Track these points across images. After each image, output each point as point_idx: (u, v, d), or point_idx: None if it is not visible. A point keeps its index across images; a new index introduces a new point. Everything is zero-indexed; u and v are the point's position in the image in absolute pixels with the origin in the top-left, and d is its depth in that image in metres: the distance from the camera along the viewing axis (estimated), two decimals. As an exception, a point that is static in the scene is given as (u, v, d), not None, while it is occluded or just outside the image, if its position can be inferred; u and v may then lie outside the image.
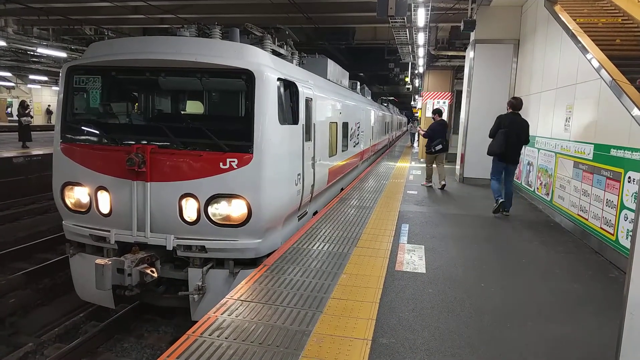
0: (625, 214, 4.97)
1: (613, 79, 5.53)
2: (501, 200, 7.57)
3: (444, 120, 10.91)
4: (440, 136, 10.40)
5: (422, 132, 10.84)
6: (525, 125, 7.52)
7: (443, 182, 10.45)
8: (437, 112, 10.78)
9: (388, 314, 3.69)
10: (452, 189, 10.46)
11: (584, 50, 6.56)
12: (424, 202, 8.61)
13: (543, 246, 5.99)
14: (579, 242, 6.16)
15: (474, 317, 3.75)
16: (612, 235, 5.26)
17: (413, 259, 5.14)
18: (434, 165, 10.73)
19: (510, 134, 7.32)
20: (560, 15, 7.84)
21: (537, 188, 8.51)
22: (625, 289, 2.32)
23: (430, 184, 10.65)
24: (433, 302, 3.99)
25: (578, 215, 6.38)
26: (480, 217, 7.66)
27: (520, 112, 7.49)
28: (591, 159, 6.04)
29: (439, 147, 10.39)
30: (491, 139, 7.56)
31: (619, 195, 5.18)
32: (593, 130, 6.13)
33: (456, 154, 12.45)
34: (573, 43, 6.99)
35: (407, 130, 42.55)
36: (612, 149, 5.44)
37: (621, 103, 5.22)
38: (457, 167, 12.04)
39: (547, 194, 7.86)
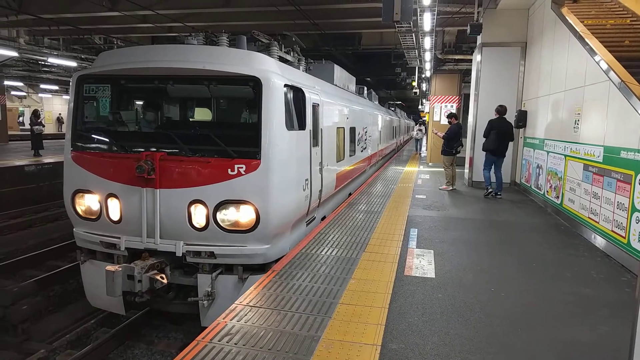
0: (637, 217, 4.92)
1: (622, 80, 5.49)
2: (490, 189, 9.59)
3: (459, 122, 11.26)
4: (458, 137, 10.75)
5: (441, 135, 10.96)
6: (510, 127, 9.59)
7: (454, 185, 10.73)
8: (454, 116, 11.14)
9: (397, 319, 3.68)
10: (461, 193, 10.42)
11: (592, 52, 6.52)
12: (433, 207, 8.58)
13: (553, 249, 5.94)
14: (590, 245, 6.09)
15: (484, 322, 3.72)
16: (624, 238, 5.20)
17: (422, 264, 5.12)
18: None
19: (500, 134, 9.33)
20: (567, 17, 7.81)
21: (547, 191, 8.45)
22: (637, 291, 2.30)
23: (451, 188, 10.62)
24: (443, 307, 3.97)
25: (589, 218, 6.31)
26: (489, 220, 7.62)
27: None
28: (601, 161, 5.99)
29: (460, 147, 10.79)
30: (484, 139, 9.64)
31: (630, 198, 5.12)
32: (602, 132, 6.07)
33: (464, 157, 12.42)
34: (581, 45, 6.95)
35: (412, 137, 37.39)
36: (622, 151, 5.39)
37: (630, 105, 5.18)
38: (466, 170, 11.99)
39: (557, 197, 7.80)
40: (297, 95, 5.76)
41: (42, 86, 31.72)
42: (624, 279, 4.84)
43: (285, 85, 5.28)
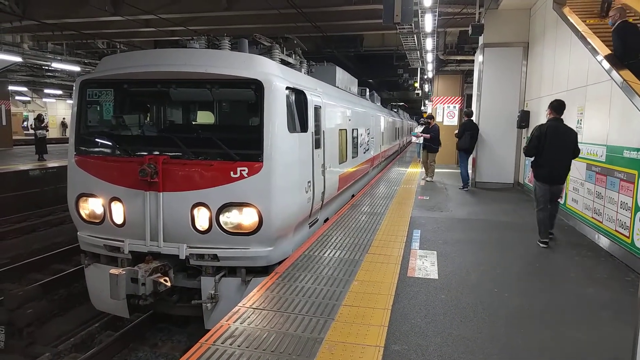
0: (641, 216, 4.90)
1: (624, 79, 5.47)
2: (468, 187, 10.89)
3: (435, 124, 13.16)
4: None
5: (427, 136, 12.45)
6: (477, 128, 10.95)
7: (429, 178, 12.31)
8: (431, 117, 13.38)
9: (400, 321, 3.68)
10: (464, 194, 10.41)
11: (594, 51, 6.50)
12: (436, 208, 8.57)
13: (557, 250, 5.92)
14: (594, 245, 6.07)
15: (487, 322, 3.72)
16: (627, 237, 5.18)
17: (425, 265, 5.12)
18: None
19: (474, 135, 10.77)
20: (569, 17, 7.78)
21: (550, 191, 8.40)
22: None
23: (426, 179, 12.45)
24: (445, 308, 3.97)
25: (592, 218, 6.29)
26: (492, 221, 7.60)
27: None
28: (604, 160, 5.97)
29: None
30: (457, 139, 10.96)
31: (633, 197, 5.10)
32: (605, 132, 6.06)
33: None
34: (582, 45, 6.93)
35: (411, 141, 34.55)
36: (625, 151, 5.37)
37: (633, 104, 5.16)
38: (470, 171, 11.96)
39: (560, 197, 7.77)
40: (299, 98, 5.77)
41: (46, 91, 31.93)
42: (627, 278, 4.82)
43: (287, 88, 5.29)
